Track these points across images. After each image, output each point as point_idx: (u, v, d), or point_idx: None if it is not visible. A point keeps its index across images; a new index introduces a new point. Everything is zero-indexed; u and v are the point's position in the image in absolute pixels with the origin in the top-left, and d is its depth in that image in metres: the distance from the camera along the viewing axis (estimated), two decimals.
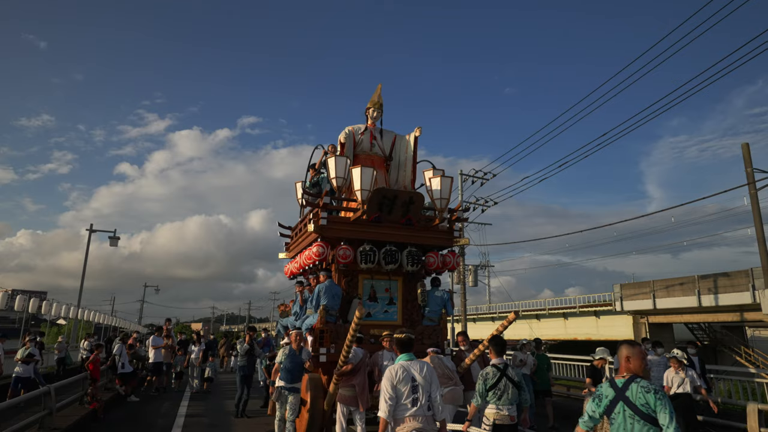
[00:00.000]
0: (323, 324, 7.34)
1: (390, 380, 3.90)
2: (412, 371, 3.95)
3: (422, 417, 3.89)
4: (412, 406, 3.86)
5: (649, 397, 2.97)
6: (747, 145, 20.56)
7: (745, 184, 20.33)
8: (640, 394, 3.00)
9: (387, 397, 3.85)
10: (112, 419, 9.54)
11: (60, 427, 7.74)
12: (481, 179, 22.43)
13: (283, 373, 6.99)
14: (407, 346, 4.15)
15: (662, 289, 26.03)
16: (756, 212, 20.73)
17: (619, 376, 3.20)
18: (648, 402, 2.96)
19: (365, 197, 7.39)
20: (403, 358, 4.09)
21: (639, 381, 3.08)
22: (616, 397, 3.10)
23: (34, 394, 7.69)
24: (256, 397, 11.28)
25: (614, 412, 3.08)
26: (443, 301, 8.12)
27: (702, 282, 24.29)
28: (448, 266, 8.24)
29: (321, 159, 8.99)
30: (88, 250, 24.43)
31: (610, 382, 3.20)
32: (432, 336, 7.95)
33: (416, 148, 8.93)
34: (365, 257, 7.63)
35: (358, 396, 6.45)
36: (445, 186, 7.81)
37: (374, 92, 9.02)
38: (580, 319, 32.87)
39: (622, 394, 3.07)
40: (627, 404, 3.03)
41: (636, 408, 2.97)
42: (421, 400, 3.89)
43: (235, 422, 9.38)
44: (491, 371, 4.84)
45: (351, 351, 6.26)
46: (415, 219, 7.84)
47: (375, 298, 8.00)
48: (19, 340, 21.57)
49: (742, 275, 22.68)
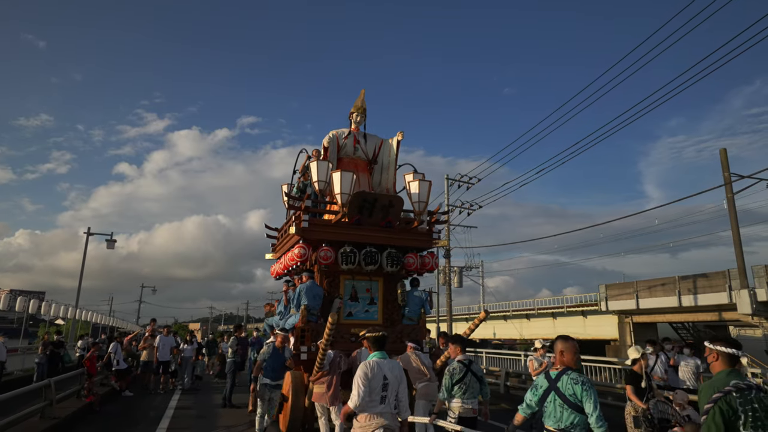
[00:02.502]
0: (305, 323, 7.34)
1: (365, 374, 3.92)
2: (384, 369, 3.98)
3: (389, 414, 3.94)
4: (380, 403, 3.90)
5: (576, 388, 3.17)
6: (725, 150, 20.85)
7: (720, 185, 20.64)
8: (569, 385, 3.21)
9: (360, 390, 3.87)
10: (107, 412, 9.79)
11: (59, 417, 8.02)
12: (467, 183, 22.52)
13: (266, 370, 7.00)
14: (381, 344, 4.18)
15: (645, 290, 26.17)
16: (732, 215, 20.90)
17: (553, 369, 3.39)
18: (575, 392, 3.16)
19: (345, 200, 7.40)
20: (376, 356, 4.11)
21: (570, 373, 3.27)
22: (549, 388, 3.30)
23: (36, 387, 8.03)
24: (245, 391, 11.31)
25: (547, 400, 3.29)
26: (422, 301, 8.13)
27: (682, 283, 24.44)
28: (427, 267, 8.25)
29: (304, 163, 9.00)
30: (85, 254, 24.33)
31: (545, 374, 3.39)
32: (411, 335, 7.93)
33: (398, 152, 8.97)
34: (346, 258, 7.63)
35: (327, 394, 6.47)
36: (423, 189, 7.84)
37: (357, 97, 9.04)
38: (568, 319, 32.95)
39: (554, 384, 3.28)
40: (558, 394, 3.23)
41: (565, 398, 3.18)
42: (389, 398, 3.94)
43: (221, 413, 9.58)
44: (458, 367, 4.90)
45: (326, 357, 6.31)
46: (394, 221, 7.86)
47: (356, 298, 8.00)
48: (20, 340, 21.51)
49: (719, 276, 22.85)
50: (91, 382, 10.02)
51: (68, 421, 8.25)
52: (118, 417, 9.32)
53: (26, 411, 7.37)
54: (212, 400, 11.39)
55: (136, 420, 9.03)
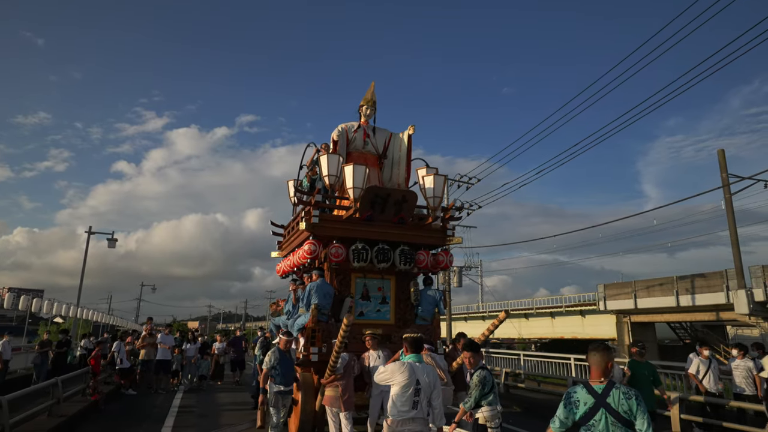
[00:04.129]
0: (315, 323, 6.89)
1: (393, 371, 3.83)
2: (417, 373, 3.81)
3: (421, 420, 3.78)
4: (412, 409, 3.73)
5: (631, 404, 2.82)
6: (722, 151, 20.57)
7: (719, 186, 20.40)
8: (622, 401, 2.83)
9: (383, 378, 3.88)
10: (111, 410, 9.79)
11: (66, 415, 8.09)
12: (466, 183, 22.18)
13: (278, 377, 6.45)
14: (417, 346, 4.02)
15: (643, 290, 25.87)
16: (730, 216, 20.64)
17: (595, 382, 2.94)
18: (630, 408, 2.81)
19: (357, 195, 6.97)
20: (411, 358, 3.94)
21: (619, 387, 2.90)
22: (597, 405, 2.86)
23: (45, 385, 8.15)
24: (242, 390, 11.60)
25: (594, 418, 2.85)
26: (436, 300, 7.68)
27: (680, 283, 24.17)
28: (441, 265, 7.81)
29: (312, 157, 8.56)
30: (86, 253, 23.73)
31: (587, 388, 2.92)
32: (425, 335, 7.50)
33: (410, 146, 8.52)
34: (358, 256, 7.19)
35: (341, 398, 6.06)
36: (438, 184, 7.41)
37: (368, 89, 8.58)
38: (566, 318, 32.58)
39: (603, 401, 2.86)
40: (608, 411, 2.83)
41: (618, 415, 2.80)
42: (422, 403, 3.79)
43: (224, 412, 9.63)
44: (487, 374, 4.58)
45: (339, 360, 5.90)
46: (407, 217, 7.44)
47: (368, 297, 7.55)
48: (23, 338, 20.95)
49: (717, 276, 22.61)
50: (96, 380, 10.03)
51: (74, 419, 8.23)
52: (122, 415, 9.29)
53: (36, 408, 7.50)
54: (215, 399, 11.32)
55: (140, 418, 8.97)
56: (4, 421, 6.20)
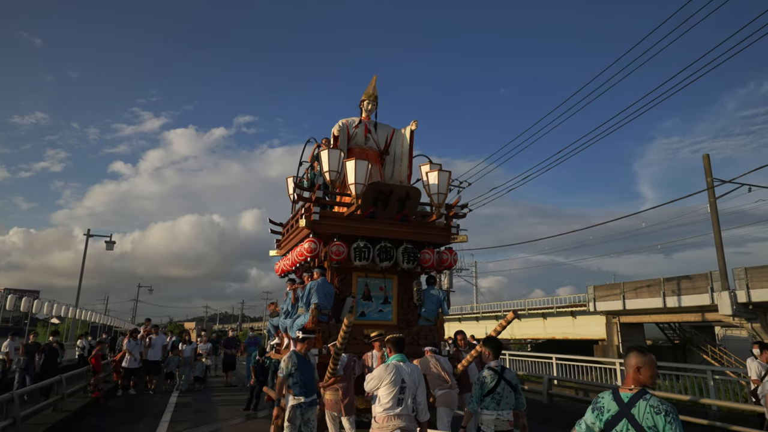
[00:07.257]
0: (315, 323, 6.34)
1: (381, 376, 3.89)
2: (402, 373, 3.91)
3: (406, 417, 3.85)
4: (397, 406, 3.82)
5: (658, 419, 2.33)
6: (707, 156, 20.42)
7: (703, 189, 20.21)
8: (648, 415, 2.35)
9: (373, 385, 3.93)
10: (111, 406, 9.90)
11: (70, 410, 8.29)
12: (457, 187, 21.80)
13: (296, 387, 4.89)
14: (400, 346, 4.11)
15: (631, 291, 25.60)
16: (714, 219, 20.40)
17: (624, 389, 2.51)
18: (656, 424, 2.33)
19: (359, 191, 6.45)
20: (395, 359, 4.03)
21: (648, 398, 2.41)
22: (620, 413, 2.44)
23: (49, 382, 8.29)
24: (243, 393, 11.19)
25: (616, 428, 2.44)
26: (439, 300, 7.15)
27: (667, 284, 23.95)
28: (445, 264, 7.30)
29: (312, 153, 8.04)
30: (85, 255, 22.95)
31: (614, 395, 2.51)
32: (428, 336, 6.97)
33: (412, 142, 8.05)
34: (359, 254, 6.66)
35: (341, 402, 5.51)
36: (443, 180, 6.91)
37: (369, 84, 8.08)
38: (557, 319, 32.18)
39: (627, 411, 2.42)
40: (631, 423, 2.38)
41: (642, 429, 2.34)
42: (407, 400, 3.88)
43: (220, 408, 9.69)
44: (489, 375, 3.98)
45: (339, 362, 5.34)
46: (411, 215, 6.94)
47: (369, 297, 7.01)
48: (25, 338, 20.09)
49: (702, 278, 22.41)
50: (97, 378, 10.12)
51: (77, 415, 8.41)
52: (122, 411, 9.41)
53: (44, 403, 7.78)
54: (212, 398, 11.25)
55: (139, 414, 9.06)
56: (16, 414, 6.50)
